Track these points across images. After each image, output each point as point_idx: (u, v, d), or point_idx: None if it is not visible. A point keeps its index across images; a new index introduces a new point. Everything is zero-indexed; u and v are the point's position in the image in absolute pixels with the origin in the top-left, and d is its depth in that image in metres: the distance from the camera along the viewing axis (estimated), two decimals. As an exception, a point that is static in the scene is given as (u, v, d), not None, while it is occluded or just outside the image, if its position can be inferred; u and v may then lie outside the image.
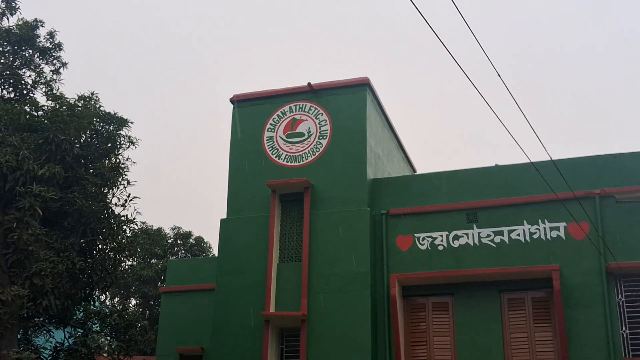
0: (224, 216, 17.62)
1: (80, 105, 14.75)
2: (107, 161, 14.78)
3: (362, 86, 17.50)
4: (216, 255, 23.51)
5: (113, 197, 14.82)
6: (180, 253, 31.64)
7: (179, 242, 31.86)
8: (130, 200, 14.73)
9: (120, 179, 14.70)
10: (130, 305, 27.36)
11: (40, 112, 14.83)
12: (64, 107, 14.43)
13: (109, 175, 14.43)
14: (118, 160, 14.85)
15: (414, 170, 21.85)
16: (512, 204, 15.90)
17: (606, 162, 15.77)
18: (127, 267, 15.97)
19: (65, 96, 15.14)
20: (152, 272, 29.07)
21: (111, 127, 15.03)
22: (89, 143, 14.87)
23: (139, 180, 18.57)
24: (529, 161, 16.28)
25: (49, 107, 14.82)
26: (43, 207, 13.36)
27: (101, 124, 14.99)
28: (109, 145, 14.92)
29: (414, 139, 54.50)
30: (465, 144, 58.11)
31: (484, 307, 15.55)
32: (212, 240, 33.54)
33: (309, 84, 17.69)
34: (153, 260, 30.37)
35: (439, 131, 59.97)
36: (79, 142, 14.64)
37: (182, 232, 31.98)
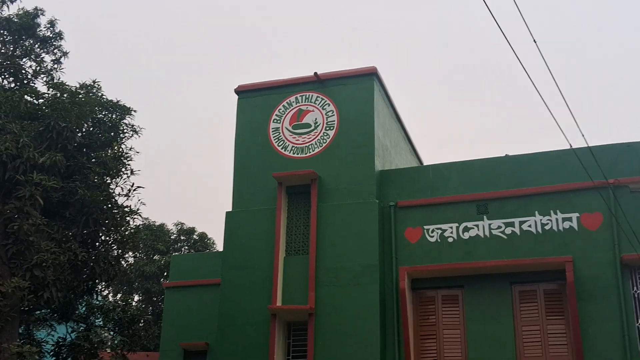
0: (229, 210, 17.10)
1: (82, 92, 14.15)
2: (109, 150, 14.18)
3: (370, 76, 17.04)
4: (220, 250, 23.11)
5: (116, 187, 14.25)
6: (183, 249, 31.16)
7: (182, 238, 31.36)
8: (134, 190, 14.15)
9: (123, 169, 14.10)
10: (133, 300, 26.77)
11: (40, 100, 14.24)
12: (65, 95, 13.83)
13: (112, 164, 13.84)
14: (121, 150, 14.25)
15: (421, 163, 21.40)
16: (523, 195, 15.46)
17: (619, 151, 15.31)
18: (130, 259, 15.32)
19: (67, 84, 14.55)
20: (155, 268, 28.55)
21: (114, 116, 14.44)
22: (90, 132, 14.28)
23: (141, 176, 17.97)
24: (539, 151, 16.04)
25: (49, 95, 14.22)
26: (44, 197, 12.76)
27: (103, 112, 14.41)
28: (112, 134, 14.34)
29: (421, 131, 53.97)
30: (473, 135, 57.60)
31: (494, 299, 15.10)
32: (216, 236, 33.09)
33: (315, 73, 17.20)
34: (156, 257, 29.86)
35: (446, 123, 59.47)
36: (80, 131, 14.06)
37: (185, 228, 31.50)
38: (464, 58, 59.63)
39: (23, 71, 15.58)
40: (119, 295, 28.64)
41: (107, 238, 14.29)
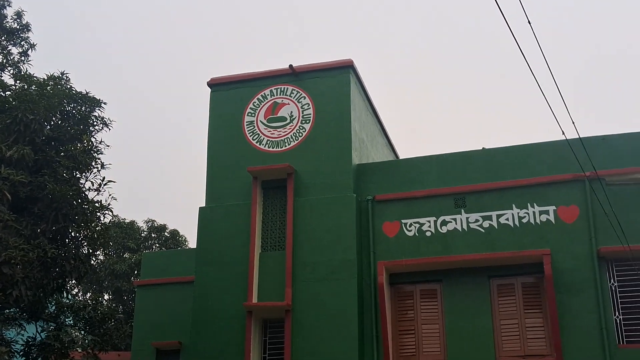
0: (203, 204, 16.83)
1: (50, 84, 13.73)
2: (79, 144, 13.77)
3: (346, 68, 16.87)
4: (193, 247, 22.77)
5: (86, 181, 13.84)
6: (154, 247, 30.70)
7: (153, 235, 30.88)
8: (105, 184, 13.73)
9: (93, 163, 13.71)
10: (103, 299, 26.29)
11: (7, 93, 13.77)
12: (33, 87, 13.40)
13: (82, 158, 13.43)
14: (91, 143, 13.86)
15: (397, 156, 21.29)
16: (501, 188, 15.48)
17: (595, 144, 15.29)
18: (101, 257, 14.91)
19: (35, 76, 14.11)
20: (125, 266, 28.09)
21: (83, 108, 14.03)
22: (59, 125, 13.84)
23: (111, 171, 17.54)
24: (516, 144, 16.04)
25: (17, 87, 13.77)
26: (12, 192, 12.30)
27: (72, 105, 13.98)
28: (81, 127, 13.92)
29: (396, 124, 53.94)
30: (450, 127, 57.78)
31: (473, 293, 15.08)
32: (188, 233, 32.61)
33: (290, 66, 16.97)
34: (126, 255, 29.37)
35: (421, 116, 59.58)
36: (49, 124, 13.62)
37: (156, 225, 31.04)
38: (440, 51, 59.85)
39: (-12, 63, 15.10)
40: (88, 294, 28.11)
41: (77, 234, 13.87)
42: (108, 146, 14.46)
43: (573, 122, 8.78)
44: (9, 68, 15.41)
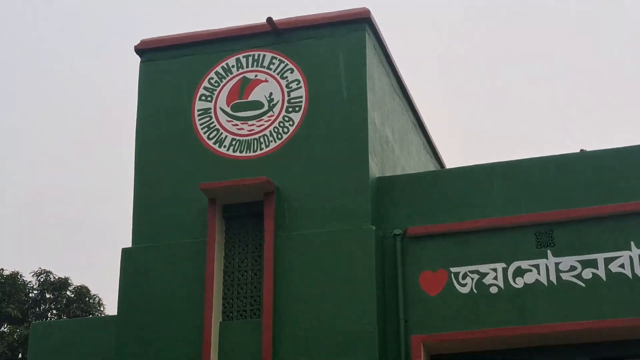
0: (128, 244, 17.04)
1: None
2: None
3: (359, 24, 17.00)
4: (112, 314, 22.82)
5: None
6: (50, 314, 31.03)
7: (48, 296, 31.34)
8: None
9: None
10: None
11: None
12: None
13: None
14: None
15: (442, 164, 21.44)
16: (611, 216, 15.52)
17: None
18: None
19: None
20: (2, 346, 28.41)
21: None
22: None
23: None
24: (635, 144, 16.11)
25: None
26: None
27: None
28: None
29: (439, 113, 54.10)
30: (520, 117, 57.93)
31: (568, 386, 15.27)
32: (104, 292, 32.89)
33: (269, 20, 17.16)
34: (4, 327, 29.63)
35: (480, 99, 59.83)
36: None
37: (52, 279, 31.45)
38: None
39: None
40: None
41: None
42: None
43: None
44: None
